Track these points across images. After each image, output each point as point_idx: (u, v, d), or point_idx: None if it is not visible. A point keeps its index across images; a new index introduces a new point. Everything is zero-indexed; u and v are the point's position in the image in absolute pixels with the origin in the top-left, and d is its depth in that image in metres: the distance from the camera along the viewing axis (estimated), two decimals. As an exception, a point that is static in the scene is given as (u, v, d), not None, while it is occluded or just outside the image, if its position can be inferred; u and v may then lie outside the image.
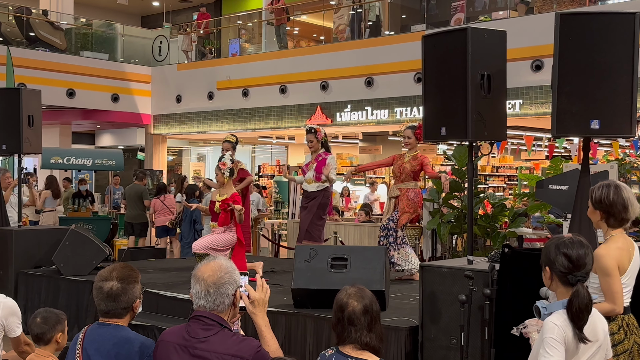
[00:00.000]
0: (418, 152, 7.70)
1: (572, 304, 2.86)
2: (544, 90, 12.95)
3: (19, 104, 8.45)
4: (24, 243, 8.37)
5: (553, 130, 4.67)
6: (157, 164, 20.03)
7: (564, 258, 2.96)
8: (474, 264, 4.98)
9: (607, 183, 3.76)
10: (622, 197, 3.70)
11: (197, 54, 19.99)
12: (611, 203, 3.71)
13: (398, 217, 7.60)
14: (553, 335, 2.86)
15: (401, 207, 7.64)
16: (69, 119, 19.67)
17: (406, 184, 7.64)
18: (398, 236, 7.59)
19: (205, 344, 2.79)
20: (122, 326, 3.09)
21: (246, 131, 17.78)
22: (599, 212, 3.77)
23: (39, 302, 7.76)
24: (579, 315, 2.86)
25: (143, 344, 3.03)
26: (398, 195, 7.67)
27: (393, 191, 7.78)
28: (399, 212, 7.60)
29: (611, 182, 3.77)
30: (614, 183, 3.77)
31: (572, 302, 2.87)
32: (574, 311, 2.86)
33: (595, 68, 4.54)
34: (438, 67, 5.35)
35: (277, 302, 6.05)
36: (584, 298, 2.86)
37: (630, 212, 3.72)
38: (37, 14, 18.86)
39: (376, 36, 16.23)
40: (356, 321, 2.95)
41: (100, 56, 18.99)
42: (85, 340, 3.08)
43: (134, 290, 3.13)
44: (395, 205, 7.70)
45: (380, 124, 15.51)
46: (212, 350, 2.77)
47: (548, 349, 2.85)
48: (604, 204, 3.73)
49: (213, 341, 2.79)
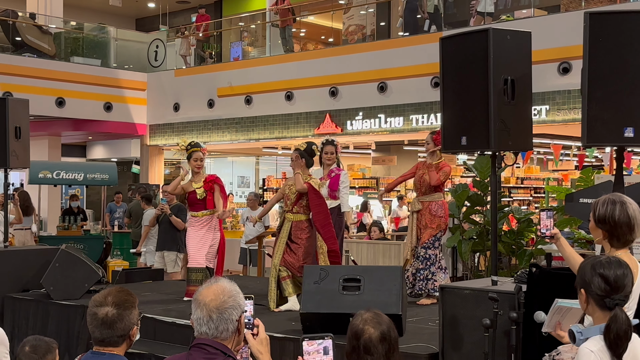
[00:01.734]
0: (442, 160, 7.70)
1: (610, 329, 2.84)
2: (573, 95, 12.92)
3: (5, 115, 8.47)
4: (11, 264, 8.38)
5: (583, 139, 4.65)
6: (154, 177, 20.05)
7: (601, 279, 2.94)
8: (499, 285, 4.96)
9: (613, 199, 3.67)
10: (629, 216, 3.61)
11: (196, 59, 20.05)
12: (616, 223, 3.62)
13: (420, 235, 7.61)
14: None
15: (423, 223, 7.63)
16: (59, 129, 19.73)
17: (430, 197, 7.63)
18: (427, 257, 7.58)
19: (208, 374, 2.79)
20: (118, 355, 3.09)
21: (249, 141, 17.82)
22: (601, 230, 3.70)
23: (26, 328, 7.76)
24: (617, 342, 2.84)
25: (140, 374, 3.04)
26: (420, 209, 7.66)
27: (414, 205, 7.77)
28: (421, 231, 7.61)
29: (617, 198, 3.68)
30: (620, 199, 3.68)
31: (609, 327, 2.85)
32: (612, 338, 2.83)
33: (629, 71, 4.53)
34: (457, 71, 5.35)
35: (284, 327, 6.04)
36: (623, 323, 2.84)
37: (636, 232, 3.65)
38: (24, 17, 18.96)
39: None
40: (373, 350, 2.94)
41: (91, 62, 19.07)
42: (78, 371, 3.08)
43: (131, 316, 3.12)
44: (418, 221, 7.69)
45: (395, 133, 15.50)
46: (216, 382, 2.77)
47: (583, 377, 2.83)
48: (608, 224, 3.65)
49: (216, 372, 2.79)
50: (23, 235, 12.60)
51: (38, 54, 18.07)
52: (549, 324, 3.60)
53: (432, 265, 7.60)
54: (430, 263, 7.60)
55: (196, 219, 8.14)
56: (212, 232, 8.10)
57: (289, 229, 7.47)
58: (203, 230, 8.07)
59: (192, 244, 8.06)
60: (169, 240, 10.69)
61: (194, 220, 8.16)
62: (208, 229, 8.09)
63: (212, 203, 8.11)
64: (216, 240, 8.16)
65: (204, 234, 8.06)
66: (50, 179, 14.65)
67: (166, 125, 19.53)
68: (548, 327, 3.61)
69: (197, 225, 8.10)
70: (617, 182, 4.84)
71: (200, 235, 8.05)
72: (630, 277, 2.98)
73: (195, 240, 8.05)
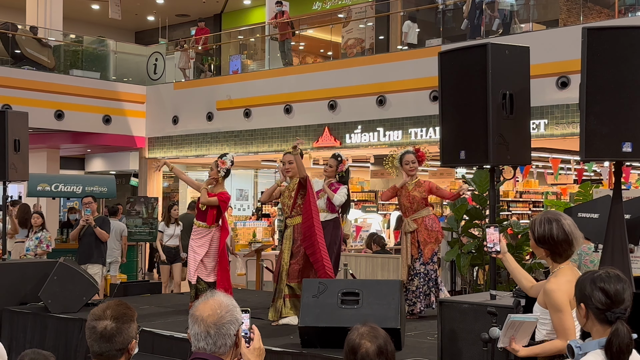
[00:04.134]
0: (419, 178, 7.79)
1: (612, 343, 2.85)
2: (571, 109, 12.95)
3: (4, 128, 8.50)
4: (9, 277, 8.38)
5: (582, 154, 4.66)
6: (152, 190, 20.03)
7: (601, 293, 2.96)
8: (498, 299, 4.97)
9: (548, 217, 3.82)
10: (566, 233, 3.76)
11: (195, 72, 20.08)
12: (555, 241, 3.77)
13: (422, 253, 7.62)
14: (588, 378, 2.84)
15: (422, 240, 7.64)
16: (57, 142, 19.74)
17: (420, 213, 7.66)
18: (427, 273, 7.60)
19: (207, 389, 2.78)
20: (116, 370, 3.09)
21: (248, 154, 17.82)
22: (542, 249, 3.83)
23: (24, 341, 7.76)
24: (619, 356, 2.84)
25: (139, 389, 3.03)
26: (416, 229, 7.68)
27: (409, 225, 7.77)
28: (421, 248, 7.62)
29: (552, 216, 3.82)
30: (554, 217, 3.82)
31: (611, 341, 2.85)
32: (614, 351, 2.84)
33: (627, 86, 4.55)
34: (456, 85, 5.38)
35: (283, 341, 6.04)
36: (625, 337, 2.85)
37: (575, 246, 3.80)
38: (24, 30, 19.01)
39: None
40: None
41: (91, 75, 19.09)
42: (76, 385, 3.08)
43: (130, 330, 3.12)
44: (412, 240, 7.70)
45: (394, 146, 15.47)
46: (214, 396, 2.76)
47: (582, 393, 2.84)
48: (547, 243, 3.80)
49: (215, 386, 2.78)
50: (21, 248, 12.55)
51: (37, 67, 18.11)
52: (503, 339, 3.65)
53: (431, 281, 7.62)
54: (428, 280, 7.61)
55: (194, 227, 8.17)
56: (207, 245, 8.02)
57: (291, 234, 7.48)
58: (199, 242, 8.04)
59: (189, 257, 8.10)
60: (94, 253, 10.50)
61: (194, 228, 8.19)
62: (204, 241, 8.04)
63: (211, 218, 8.08)
64: (213, 254, 8.05)
65: (198, 247, 8.02)
66: (49, 191, 14.64)
67: (165, 138, 19.54)
68: (502, 342, 3.69)
69: (196, 236, 8.10)
70: (615, 196, 4.85)
71: (194, 248, 8.03)
72: (629, 290, 2.99)
73: (191, 253, 8.07)
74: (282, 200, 7.71)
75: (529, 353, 3.72)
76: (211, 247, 8.06)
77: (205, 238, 8.06)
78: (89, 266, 10.05)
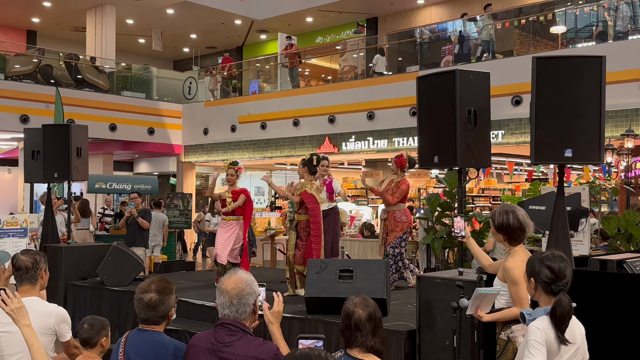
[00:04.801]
0: (403, 178, 7.72)
1: (556, 310, 2.85)
2: (523, 122, 12.94)
3: (68, 138, 8.53)
4: (72, 258, 8.40)
5: (532, 158, 4.66)
6: (187, 188, 20.07)
7: (548, 270, 2.96)
8: (464, 275, 4.96)
9: (505, 209, 3.84)
10: (520, 222, 3.79)
11: (221, 93, 20.10)
12: (511, 228, 3.80)
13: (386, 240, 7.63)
14: (536, 337, 2.84)
15: (390, 228, 7.64)
16: (111, 149, 19.79)
17: (391, 207, 7.65)
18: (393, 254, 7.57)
19: (231, 347, 2.78)
20: (158, 332, 3.09)
21: (264, 159, 17.84)
22: (501, 235, 3.85)
23: (85, 309, 7.78)
24: (562, 320, 2.85)
25: (177, 347, 3.03)
26: (386, 218, 7.70)
27: (383, 214, 7.83)
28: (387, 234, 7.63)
29: (508, 208, 3.85)
30: (511, 209, 3.84)
31: (555, 309, 2.86)
32: (558, 316, 2.84)
33: (568, 104, 4.55)
34: (431, 103, 5.38)
35: (292, 309, 6.04)
36: (567, 305, 2.85)
37: (527, 232, 3.84)
38: (84, 59, 19.04)
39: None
40: (362, 327, 2.94)
41: (138, 95, 19.13)
42: (127, 344, 3.08)
43: (170, 300, 3.13)
44: (384, 227, 7.73)
45: (381, 152, 15.53)
46: (237, 353, 2.76)
47: (531, 349, 2.83)
48: (505, 230, 3.82)
49: (237, 345, 2.78)
50: (83, 234, 12.63)
51: (95, 89, 18.13)
52: (471, 308, 3.66)
53: (400, 261, 7.60)
54: (398, 259, 7.59)
55: (224, 222, 8.02)
56: (236, 234, 7.91)
57: (294, 229, 7.47)
58: (229, 233, 7.91)
59: (219, 243, 7.93)
60: (138, 238, 10.73)
61: (223, 223, 8.05)
62: (233, 232, 7.93)
63: (239, 210, 7.96)
64: (239, 241, 7.95)
65: (229, 237, 7.90)
66: (104, 188, 14.68)
67: (197, 146, 19.57)
68: (470, 310, 3.69)
69: (225, 228, 7.97)
70: (559, 192, 4.85)
71: (226, 237, 7.91)
72: (570, 268, 2.99)
73: (221, 241, 7.91)
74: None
75: (491, 318, 3.73)
76: (237, 235, 7.95)
77: (234, 228, 7.95)
78: (133, 249, 10.09)
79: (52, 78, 17.40)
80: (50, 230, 8.83)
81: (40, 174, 8.91)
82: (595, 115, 4.52)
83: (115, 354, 3.10)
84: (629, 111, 11.77)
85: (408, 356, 5.05)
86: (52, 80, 17.33)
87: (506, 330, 3.78)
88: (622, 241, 8.11)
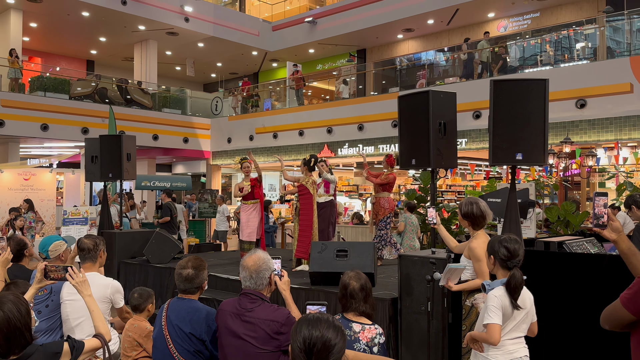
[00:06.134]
0: (390, 173, 7.70)
1: (510, 282, 2.85)
2: (482, 132, 12.93)
3: (120, 146, 8.52)
4: (124, 241, 8.40)
5: (490, 161, 4.64)
6: (215, 185, 20.08)
7: (505, 250, 2.95)
8: (436, 254, 4.96)
9: (470, 201, 3.82)
10: (481, 210, 3.77)
11: (242, 109, 20.10)
12: (475, 216, 3.78)
13: (376, 220, 7.62)
14: (494, 303, 2.84)
15: (377, 211, 7.66)
16: (154, 155, 19.77)
17: (379, 194, 7.65)
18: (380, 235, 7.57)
19: (252, 312, 2.78)
20: (194, 300, 3.09)
21: (276, 162, 17.82)
22: (466, 221, 3.83)
23: (134, 282, 7.77)
24: (515, 290, 2.85)
25: (208, 312, 3.03)
26: (374, 202, 7.70)
27: (372, 199, 7.84)
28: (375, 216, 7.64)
29: (472, 200, 3.82)
30: (474, 201, 3.82)
31: (510, 281, 2.86)
32: (512, 287, 2.84)
33: (519, 117, 4.54)
34: (409, 117, 5.36)
35: (299, 282, 6.03)
36: (519, 278, 2.85)
37: (487, 219, 3.81)
38: (132, 83, 19.02)
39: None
40: (355, 295, 2.94)
41: (175, 111, 19.11)
42: (168, 310, 3.08)
43: (203, 275, 3.12)
44: (374, 210, 7.73)
45: (369, 157, 15.50)
46: (257, 317, 2.76)
47: (490, 313, 2.83)
48: (470, 217, 3.80)
49: (257, 310, 2.78)
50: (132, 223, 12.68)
51: (141, 107, 18.12)
52: (443, 279, 3.66)
53: (383, 240, 7.58)
54: (382, 239, 7.57)
55: (246, 206, 7.84)
56: (256, 214, 7.78)
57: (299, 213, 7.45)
58: (250, 214, 7.78)
59: (243, 223, 7.82)
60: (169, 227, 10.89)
61: (245, 207, 7.87)
62: (253, 212, 7.80)
63: (257, 194, 7.81)
64: (258, 220, 7.80)
65: (250, 217, 7.77)
66: (149, 186, 14.65)
67: (222, 152, 19.55)
68: (442, 281, 3.69)
69: (247, 210, 7.81)
70: (511, 188, 4.84)
71: (247, 217, 7.78)
72: (522, 249, 2.99)
73: (245, 221, 7.80)
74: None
75: (458, 288, 3.72)
76: (259, 215, 7.82)
77: (256, 211, 7.81)
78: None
79: (106, 98, 17.39)
80: (106, 219, 8.82)
81: (97, 174, 8.90)
82: (541, 126, 4.51)
83: (159, 318, 3.10)
84: (566, 123, 11.76)
85: (392, 318, 5.04)
86: (107, 99, 17.32)
87: (470, 298, 3.77)
88: (562, 227, 8.10)
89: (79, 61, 22.59)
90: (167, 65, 23.10)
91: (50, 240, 4.41)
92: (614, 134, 11.29)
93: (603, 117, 11.39)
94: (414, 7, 17.43)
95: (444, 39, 19.10)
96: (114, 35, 19.55)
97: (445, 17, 17.63)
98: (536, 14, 17.34)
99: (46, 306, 3.74)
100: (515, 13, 17.65)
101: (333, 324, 1.81)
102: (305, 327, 1.80)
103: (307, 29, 20.47)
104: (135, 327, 3.83)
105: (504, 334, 2.87)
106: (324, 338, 1.76)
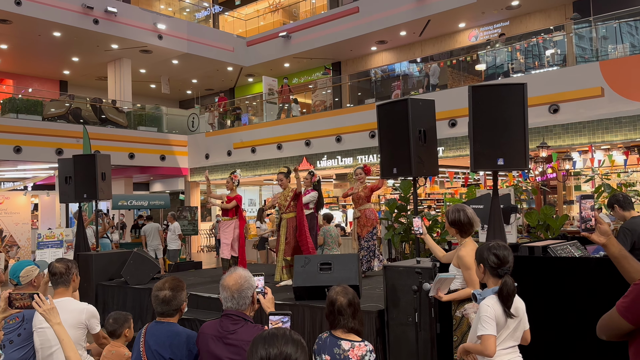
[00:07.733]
0: (366, 184, 7.64)
1: (503, 290, 2.75)
2: (458, 140, 12.98)
3: (94, 165, 8.30)
4: (101, 263, 8.14)
5: (472, 167, 4.59)
6: (193, 202, 19.78)
7: (494, 257, 2.86)
8: (421, 263, 4.87)
9: (457, 208, 3.73)
10: (468, 217, 3.68)
11: (219, 125, 19.92)
12: (462, 224, 3.68)
13: (361, 234, 7.50)
14: (487, 313, 2.74)
15: (362, 224, 7.54)
16: (131, 173, 19.43)
17: (363, 206, 7.55)
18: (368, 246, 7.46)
19: (235, 334, 2.62)
20: (173, 323, 2.92)
21: (254, 176, 17.64)
22: (454, 229, 3.75)
23: (112, 305, 7.51)
24: (507, 298, 2.75)
25: (189, 335, 2.86)
26: (359, 216, 7.58)
27: (355, 214, 7.70)
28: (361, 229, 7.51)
29: (459, 207, 3.74)
30: (461, 208, 3.73)
31: (502, 289, 2.75)
32: (504, 295, 2.74)
33: (498, 122, 4.50)
34: (389, 126, 5.29)
35: (283, 297, 5.88)
36: (511, 286, 2.76)
37: (475, 226, 3.73)
38: (106, 102, 18.73)
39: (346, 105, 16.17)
40: (343, 312, 2.81)
41: (151, 129, 18.86)
42: (146, 335, 2.90)
43: (181, 296, 2.96)
44: (358, 224, 7.60)
45: (347, 168, 15.45)
46: (240, 339, 2.60)
47: (484, 323, 2.72)
48: (457, 225, 3.71)
49: (240, 332, 2.62)
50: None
51: (116, 126, 17.84)
52: (433, 290, 3.56)
53: (371, 252, 7.48)
54: (369, 251, 7.48)
55: (222, 222, 7.89)
56: (231, 232, 7.75)
57: (285, 225, 7.31)
58: (227, 231, 7.76)
59: (222, 241, 7.83)
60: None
61: (222, 223, 7.91)
62: (229, 228, 7.76)
63: (231, 212, 7.81)
64: (235, 236, 7.76)
65: (226, 235, 7.75)
66: (126, 205, 14.34)
67: (201, 168, 19.31)
68: (432, 292, 3.59)
69: (223, 227, 7.84)
70: (494, 194, 4.78)
71: (225, 236, 7.77)
72: (512, 255, 2.89)
73: (222, 238, 7.80)
74: (279, 202, 7.52)
75: (448, 298, 3.62)
76: (234, 232, 7.80)
77: (230, 227, 7.81)
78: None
79: (80, 118, 17.06)
80: (82, 241, 8.55)
81: (72, 195, 8.64)
82: (521, 131, 4.48)
83: (137, 343, 2.92)
84: (541, 128, 11.86)
85: (379, 331, 4.92)
86: (81, 119, 16.99)
87: (460, 308, 3.67)
88: (542, 231, 8.10)
89: (52, 82, 22.18)
90: (141, 83, 22.82)
91: (21, 266, 4.18)
92: (587, 138, 11.41)
93: (576, 121, 11.51)
94: (387, 20, 17.55)
95: (416, 49, 19.25)
96: (86, 54, 19.25)
97: (417, 28, 17.79)
98: (506, 22, 17.60)
99: (18, 335, 3.55)
100: (485, 22, 17.89)
101: (291, 338, 1.64)
102: (261, 347, 1.61)
103: (281, 44, 20.45)
104: (112, 353, 3.64)
105: (498, 343, 2.77)
106: (283, 355, 1.58)
